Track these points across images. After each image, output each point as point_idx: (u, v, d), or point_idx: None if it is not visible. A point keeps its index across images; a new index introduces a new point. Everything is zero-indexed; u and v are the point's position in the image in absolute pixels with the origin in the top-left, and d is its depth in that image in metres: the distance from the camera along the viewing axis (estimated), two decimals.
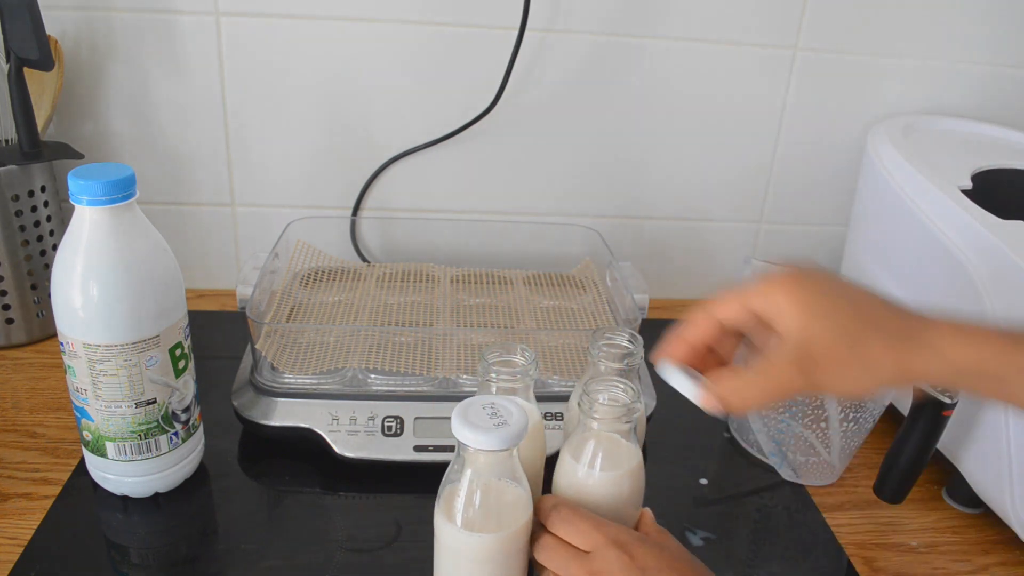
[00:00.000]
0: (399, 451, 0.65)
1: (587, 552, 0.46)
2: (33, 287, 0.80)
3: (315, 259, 0.85)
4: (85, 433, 0.59)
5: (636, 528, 0.51)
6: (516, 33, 0.83)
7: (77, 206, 0.53)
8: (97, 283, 0.53)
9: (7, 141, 0.77)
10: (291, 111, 0.88)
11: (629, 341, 0.57)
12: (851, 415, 0.66)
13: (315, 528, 0.61)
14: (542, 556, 0.47)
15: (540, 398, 0.57)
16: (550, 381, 0.69)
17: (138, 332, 0.55)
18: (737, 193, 0.97)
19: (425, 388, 0.68)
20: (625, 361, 0.55)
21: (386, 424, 0.65)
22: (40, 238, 0.79)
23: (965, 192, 0.70)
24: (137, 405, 0.57)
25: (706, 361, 0.48)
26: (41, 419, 0.71)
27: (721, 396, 0.45)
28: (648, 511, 0.52)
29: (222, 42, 0.84)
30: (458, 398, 0.47)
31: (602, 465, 0.48)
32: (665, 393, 0.55)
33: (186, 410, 0.61)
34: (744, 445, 0.74)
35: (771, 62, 0.90)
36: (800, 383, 0.43)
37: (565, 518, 0.47)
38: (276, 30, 0.84)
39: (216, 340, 0.82)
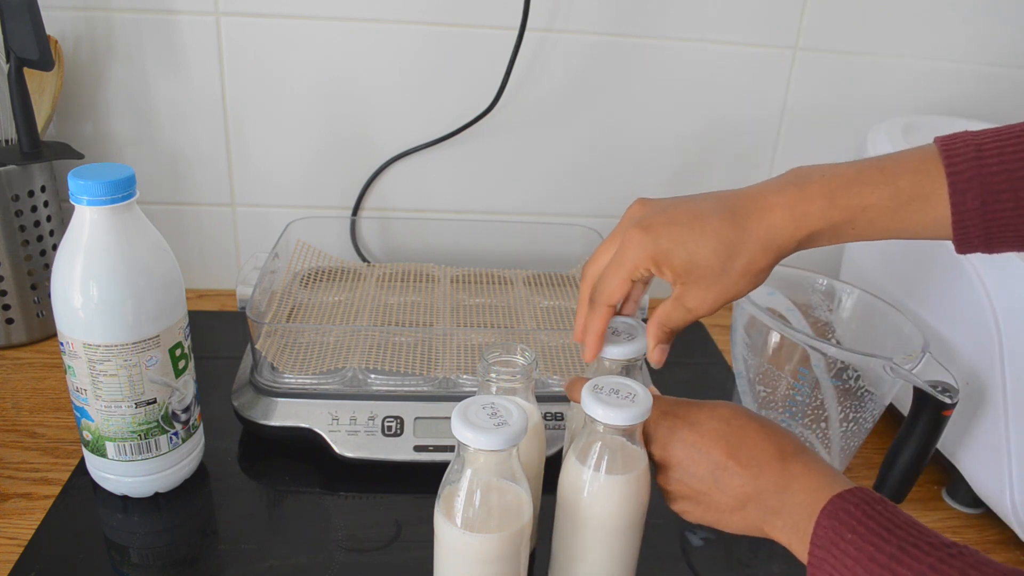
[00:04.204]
0: (399, 451, 0.65)
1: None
2: (33, 287, 0.80)
3: (315, 259, 0.85)
4: (85, 433, 0.59)
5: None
6: (516, 33, 0.83)
7: (77, 206, 0.53)
8: (97, 283, 0.53)
9: (7, 141, 0.77)
10: (291, 111, 0.88)
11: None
12: (851, 415, 0.66)
13: (315, 528, 0.61)
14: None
15: (540, 398, 0.57)
16: (550, 381, 0.70)
17: (138, 332, 0.55)
18: None
19: (425, 388, 0.68)
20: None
21: (386, 424, 0.65)
22: (40, 238, 0.79)
23: None
24: (137, 405, 0.57)
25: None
26: (41, 419, 0.71)
27: (659, 317, 0.50)
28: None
29: (222, 42, 0.84)
30: (458, 398, 0.47)
31: (608, 468, 0.48)
32: (665, 391, 0.55)
33: (186, 410, 0.61)
34: None
35: (771, 62, 0.90)
36: (720, 291, 0.48)
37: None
38: (276, 30, 0.84)
39: (216, 340, 0.82)
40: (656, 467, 0.49)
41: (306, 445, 0.66)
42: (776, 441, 0.46)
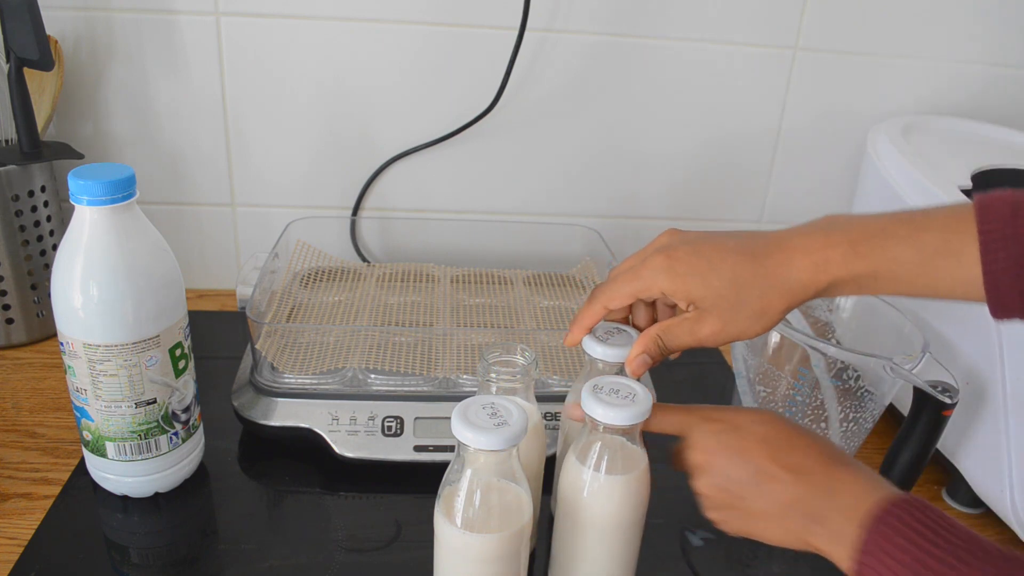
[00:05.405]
0: (399, 451, 0.65)
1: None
2: (33, 287, 0.80)
3: (315, 259, 0.85)
4: (85, 433, 0.59)
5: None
6: (516, 33, 0.83)
7: (77, 206, 0.53)
8: (97, 283, 0.53)
9: (7, 141, 0.77)
10: (291, 111, 0.88)
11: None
12: (851, 415, 0.66)
13: (315, 528, 0.61)
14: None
15: (540, 398, 0.57)
16: (550, 381, 0.69)
17: (138, 332, 0.55)
18: (737, 193, 0.97)
19: (425, 388, 0.68)
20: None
21: (386, 424, 0.65)
22: (40, 238, 0.79)
23: (965, 192, 0.70)
24: (137, 405, 0.57)
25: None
26: (41, 419, 0.71)
27: (660, 328, 0.50)
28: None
29: (222, 42, 0.84)
30: (458, 398, 0.47)
31: (608, 468, 0.48)
32: (665, 391, 0.55)
33: (186, 410, 0.61)
34: None
35: (771, 62, 0.90)
36: (729, 324, 0.48)
37: (656, 415, 0.49)
38: (276, 30, 0.84)
39: (216, 340, 0.82)
40: (694, 473, 0.49)
41: (306, 445, 0.66)
42: (820, 447, 0.46)
